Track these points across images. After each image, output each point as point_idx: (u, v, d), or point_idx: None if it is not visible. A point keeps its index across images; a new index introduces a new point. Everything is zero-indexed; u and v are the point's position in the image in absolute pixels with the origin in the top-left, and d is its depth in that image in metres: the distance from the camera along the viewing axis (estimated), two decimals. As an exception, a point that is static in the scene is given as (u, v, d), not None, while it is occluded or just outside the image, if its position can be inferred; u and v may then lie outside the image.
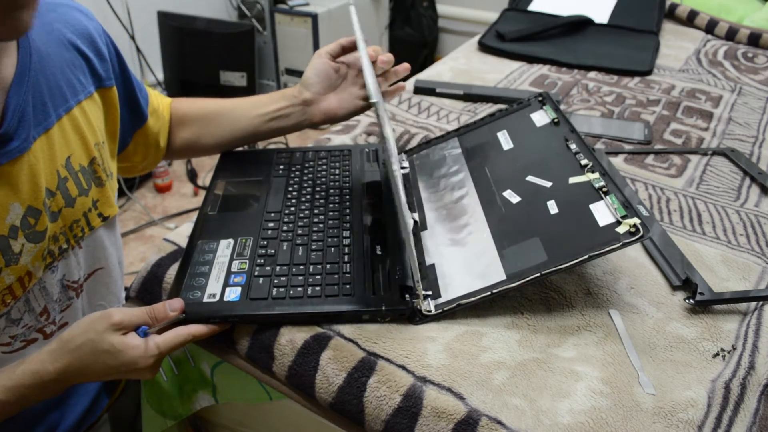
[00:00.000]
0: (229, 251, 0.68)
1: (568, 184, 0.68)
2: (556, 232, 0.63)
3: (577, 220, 0.63)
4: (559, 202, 0.66)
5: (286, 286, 0.63)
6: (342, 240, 0.69)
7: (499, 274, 0.62)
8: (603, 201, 0.63)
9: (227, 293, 0.62)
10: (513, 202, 0.70)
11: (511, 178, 0.73)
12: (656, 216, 0.81)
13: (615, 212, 0.61)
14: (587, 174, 0.67)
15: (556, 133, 0.76)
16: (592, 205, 0.63)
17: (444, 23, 3.15)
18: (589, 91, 1.18)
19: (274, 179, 0.81)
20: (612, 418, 0.52)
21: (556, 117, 0.78)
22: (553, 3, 1.54)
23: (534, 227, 0.65)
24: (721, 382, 0.56)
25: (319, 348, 0.59)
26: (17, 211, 0.58)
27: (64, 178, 0.64)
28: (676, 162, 0.94)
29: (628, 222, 0.59)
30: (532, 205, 0.68)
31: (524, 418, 0.52)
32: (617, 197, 0.62)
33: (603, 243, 0.59)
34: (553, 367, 0.57)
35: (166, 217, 2.23)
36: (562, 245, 0.61)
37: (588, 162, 0.69)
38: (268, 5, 2.59)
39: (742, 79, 1.25)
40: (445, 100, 1.14)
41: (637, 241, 0.57)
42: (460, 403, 0.53)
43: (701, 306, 0.65)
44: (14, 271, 0.60)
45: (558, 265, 0.59)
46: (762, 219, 0.80)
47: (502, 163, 0.77)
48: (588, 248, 0.59)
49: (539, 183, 0.70)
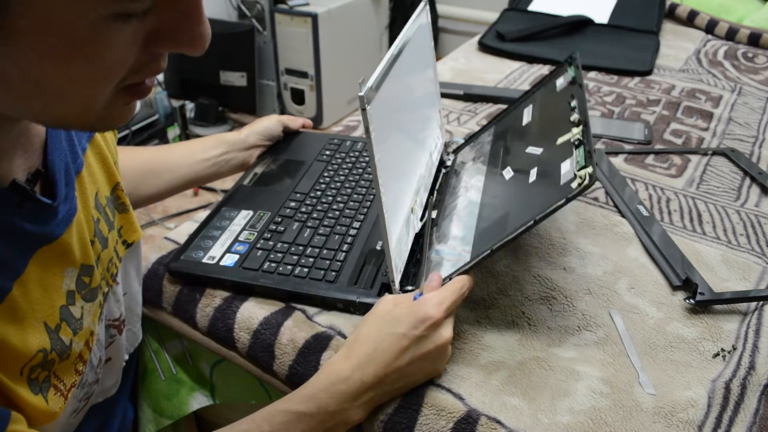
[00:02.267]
0: (244, 221, 0.72)
1: (555, 145, 0.63)
2: (524, 202, 0.59)
3: (547, 184, 0.58)
4: (540, 169, 0.62)
5: (279, 262, 0.66)
6: (349, 229, 0.71)
7: (464, 257, 0.60)
8: (573, 156, 0.57)
9: (225, 258, 0.66)
10: (507, 179, 0.67)
11: (515, 154, 0.70)
12: (656, 216, 0.81)
13: (575, 165, 0.54)
14: (572, 130, 0.61)
15: (568, 92, 0.70)
16: (563, 163, 0.58)
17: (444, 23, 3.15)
18: (589, 91, 1.18)
19: (315, 162, 0.85)
20: (612, 418, 0.52)
21: (574, 76, 0.72)
22: (553, 3, 1.54)
23: (511, 202, 0.61)
24: (721, 382, 0.56)
25: (320, 347, 0.59)
26: (71, 274, 0.51)
27: (96, 219, 0.56)
28: (676, 162, 0.94)
29: (581, 173, 0.53)
30: (518, 178, 0.65)
31: (523, 417, 0.52)
32: (585, 148, 0.56)
33: (553, 202, 0.53)
34: (553, 367, 0.57)
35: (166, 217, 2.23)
36: (521, 215, 0.56)
37: (576, 116, 0.63)
38: (268, 5, 2.59)
39: (742, 79, 1.25)
40: (445, 100, 1.14)
41: (580, 192, 0.52)
42: (459, 402, 0.53)
43: (701, 306, 0.65)
44: (81, 337, 0.52)
45: (506, 236, 0.55)
46: (762, 219, 0.81)
47: (516, 140, 0.73)
48: (539, 212, 0.53)
49: (532, 152, 0.66)
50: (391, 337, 0.53)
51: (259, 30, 2.62)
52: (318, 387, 0.52)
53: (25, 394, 0.44)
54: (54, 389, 0.48)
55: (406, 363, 0.52)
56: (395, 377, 0.53)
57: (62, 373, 0.49)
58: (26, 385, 0.44)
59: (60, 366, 0.49)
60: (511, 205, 0.60)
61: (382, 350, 0.52)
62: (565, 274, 0.69)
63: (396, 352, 0.52)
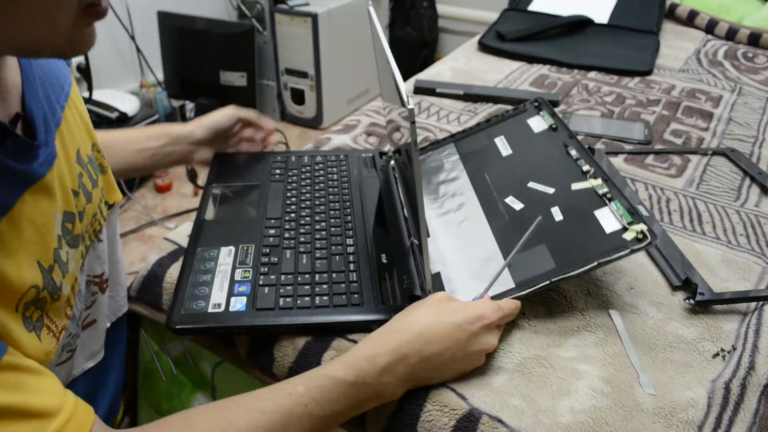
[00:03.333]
0: (230, 259, 0.67)
1: (570, 190, 0.68)
2: (563, 239, 0.63)
3: (583, 227, 0.63)
4: (563, 209, 0.67)
5: (293, 295, 0.62)
6: (346, 248, 0.69)
7: (507, 281, 0.62)
8: (608, 207, 0.64)
9: (232, 303, 0.61)
10: (516, 209, 0.70)
11: (513, 184, 0.73)
12: (656, 216, 0.81)
13: (621, 218, 0.61)
14: (590, 180, 0.68)
15: (554, 138, 0.76)
16: (597, 212, 0.64)
17: (444, 23, 3.15)
18: (589, 91, 1.18)
19: (271, 184, 0.80)
20: (612, 418, 0.52)
21: (553, 123, 0.78)
22: (553, 3, 1.54)
23: (539, 234, 0.65)
24: (721, 382, 0.56)
25: (321, 348, 0.59)
26: (58, 219, 0.54)
27: (79, 174, 0.60)
28: (676, 162, 0.94)
29: (635, 228, 0.59)
30: (535, 212, 0.68)
31: (524, 417, 0.52)
32: (622, 204, 0.63)
33: (611, 249, 0.59)
34: (554, 366, 0.57)
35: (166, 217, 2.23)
36: (569, 252, 0.62)
37: (590, 168, 0.69)
38: (268, 5, 2.59)
39: (742, 79, 1.25)
40: (445, 100, 1.14)
41: (645, 247, 0.58)
42: (462, 401, 0.54)
43: (701, 306, 0.65)
44: (68, 280, 0.56)
45: (567, 272, 0.60)
46: (762, 219, 0.81)
47: (502, 169, 0.77)
48: (596, 255, 0.59)
49: (541, 189, 0.70)
50: (446, 324, 0.54)
51: (259, 30, 2.62)
52: (360, 355, 0.52)
53: (20, 332, 0.46)
54: (47, 329, 0.50)
55: (452, 354, 0.53)
56: (435, 364, 0.53)
57: (54, 314, 0.52)
58: (21, 321, 0.47)
59: (52, 306, 0.51)
60: (546, 239, 0.64)
61: (433, 332, 0.53)
62: (565, 275, 0.69)
63: (450, 340, 0.53)
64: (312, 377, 0.51)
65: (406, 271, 0.66)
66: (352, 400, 0.51)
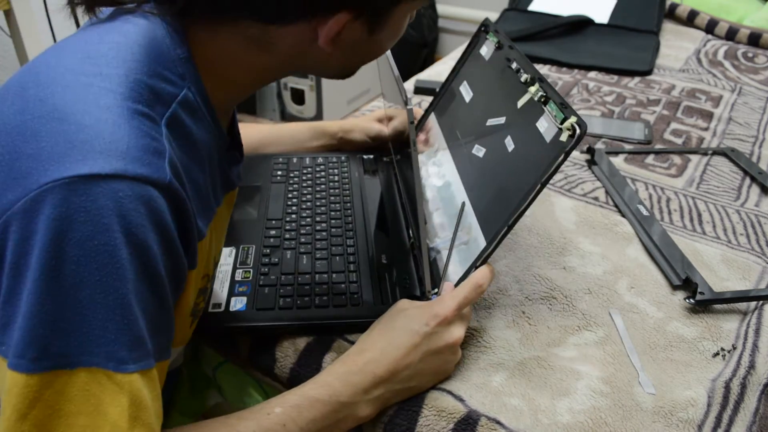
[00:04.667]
0: (231, 259, 0.67)
1: (517, 109, 0.62)
2: (515, 170, 0.58)
3: (530, 147, 0.57)
4: (513, 136, 0.60)
5: (292, 295, 0.62)
6: (347, 248, 0.69)
7: (481, 242, 0.59)
8: (545, 113, 0.56)
9: (233, 303, 0.61)
10: (480, 157, 0.65)
11: (476, 129, 0.68)
12: (656, 216, 0.81)
13: (554, 120, 0.54)
14: (529, 89, 0.60)
15: (500, 57, 0.70)
16: (538, 122, 0.57)
17: (444, 23, 3.15)
18: (590, 91, 1.18)
19: (272, 185, 0.81)
20: (612, 418, 0.52)
21: (497, 40, 0.72)
22: (553, 3, 1.54)
23: (500, 175, 0.60)
24: (721, 381, 0.56)
25: (322, 350, 0.59)
26: None
27: None
28: (677, 162, 0.94)
29: (566, 125, 0.52)
30: (494, 151, 0.63)
31: (523, 417, 0.52)
32: (555, 102, 0.55)
33: (550, 161, 0.52)
34: (554, 366, 0.57)
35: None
36: (520, 183, 0.55)
37: (527, 75, 0.62)
38: (269, 5, 2.59)
39: (742, 79, 1.25)
40: (446, 101, 1.14)
41: (576, 141, 0.50)
42: (459, 404, 0.54)
43: (701, 306, 0.65)
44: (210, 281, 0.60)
45: (519, 207, 0.54)
46: (762, 219, 0.81)
47: (467, 117, 0.72)
48: (540, 174, 0.52)
49: (496, 123, 0.65)
50: (403, 333, 0.54)
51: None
52: (332, 375, 0.53)
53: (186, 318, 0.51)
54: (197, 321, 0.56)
55: (418, 359, 0.53)
56: (407, 374, 0.53)
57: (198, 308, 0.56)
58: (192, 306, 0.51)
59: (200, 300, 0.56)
60: (503, 179, 0.59)
61: (395, 345, 0.53)
62: (565, 274, 0.69)
63: (408, 348, 0.53)
64: (288, 398, 0.51)
65: (406, 271, 0.66)
66: (329, 419, 0.51)
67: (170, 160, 0.41)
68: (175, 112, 0.44)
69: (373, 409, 0.53)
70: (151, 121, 0.42)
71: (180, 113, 0.45)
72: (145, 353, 0.41)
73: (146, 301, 0.41)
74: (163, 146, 0.41)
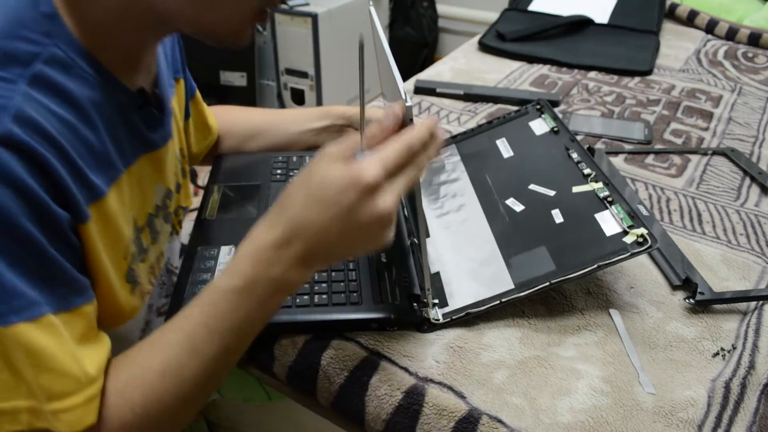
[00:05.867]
0: (230, 258, 0.66)
1: (571, 193, 0.68)
2: (563, 241, 0.64)
3: (583, 230, 0.64)
4: (563, 211, 0.67)
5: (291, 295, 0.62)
6: None
7: (506, 282, 0.62)
8: (608, 210, 0.64)
9: None
10: (517, 211, 0.70)
11: (514, 186, 0.73)
12: (656, 216, 0.81)
13: (621, 222, 0.62)
14: (591, 183, 0.68)
15: (556, 141, 0.77)
16: (598, 215, 0.64)
17: (444, 23, 3.15)
18: (589, 91, 1.18)
19: (272, 184, 0.80)
20: (612, 417, 0.52)
21: (555, 126, 0.78)
22: (553, 3, 1.54)
23: (540, 236, 0.65)
24: (721, 381, 0.56)
25: (321, 347, 0.59)
26: (159, 190, 0.60)
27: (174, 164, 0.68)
28: (676, 162, 0.94)
29: (636, 232, 0.60)
30: (536, 213, 0.68)
31: (524, 416, 0.52)
32: (622, 207, 0.63)
33: (611, 252, 0.60)
34: (554, 365, 0.57)
35: (166, 216, 2.24)
36: (569, 254, 0.62)
37: (591, 171, 0.69)
38: (268, 5, 2.59)
39: (742, 79, 1.25)
40: (445, 100, 1.14)
41: (645, 251, 0.58)
42: (461, 401, 0.54)
43: (701, 306, 0.65)
44: (155, 249, 0.61)
45: (567, 274, 0.60)
46: (762, 219, 0.81)
47: (503, 171, 0.77)
48: (596, 258, 0.60)
49: (542, 192, 0.71)
50: (323, 202, 0.45)
51: (259, 30, 2.62)
52: (241, 259, 0.48)
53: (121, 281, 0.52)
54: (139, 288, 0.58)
55: (336, 236, 0.46)
56: (327, 241, 0.46)
57: (140, 275, 0.58)
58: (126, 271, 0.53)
59: (138, 266, 0.58)
60: (546, 241, 0.65)
61: (308, 219, 0.46)
62: (566, 274, 0.69)
63: (324, 223, 0.45)
64: (203, 296, 0.49)
65: (405, 270, 0.66)
66: (254, 302, 0.48)
67: (20, 116, 0.42)
68: (39, 70, 0.45)
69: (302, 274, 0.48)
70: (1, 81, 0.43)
71: (47, 71, 0.46)
72: (27, 303, 0.42)
73: (13, 255, 0.42)
74: (8, 103, 0.42)
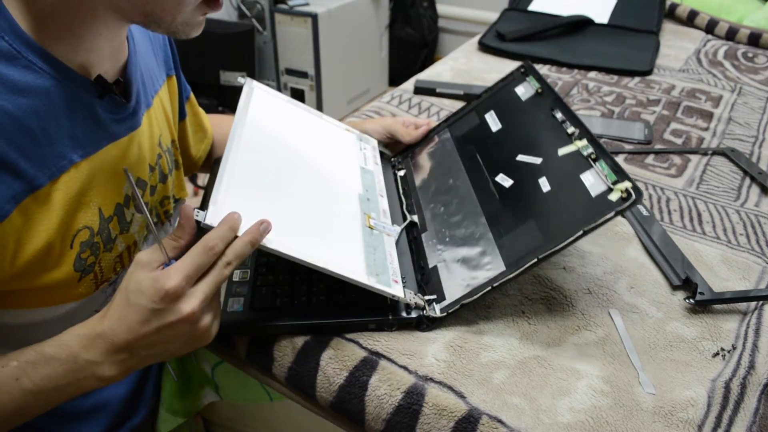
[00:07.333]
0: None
1: (558, 156, 0.64)
2: (550, 211, 0.60)
3: (570, 195, 0.59)
4: (550, 178, 0.63)
5: (290, 295, 0.62)
6: None
7: (498, 265, 0.60)
8: (593, 168, 0.59)
9: (230, 303, 0.61)
10: (506, 186, 0.67)
11: (503, 161, 0.70)
12: (656, 216, 0.81)
13: (606, 179, 0.57)
14: (575, 142, 0.63)
15: (541, 103, 0.72)
16: (583, 175, 0.60)
17: (444, 23, 3.15)
18: (589, 91, 1.18)
19: None
20: (612, 417, 0.52)
21: (539, 87, 0.74)
22: (553, 3, 1.54)
23: (529, 210, 0.62)
24: (721, 381, 0.56)
25: (320, 348, 0.59)
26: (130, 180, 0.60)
27: (158, 155, 0.68)
28: (676, 162, 0.94)
29: (620, 187, 0.55)
30: (525, 186, 0.65)
31: (524, 416, 0.52)
32: (607, 163, 0.58)
33: (596, 214, 0.55)
34: (554, 365, 0.57)
35: (166, 217, 2.23)
36: (556, 224, 0.58)
37: (575, 129, 0.64)
38: (268, 5, 2.59)
39: (742, 79, 1.25)
40: (445, 100, 1.14)
41: (630, 206, 0.54)
42: (460, 401, 0.54)
43: (701, 306, 0.65)
44: (125, 239, 0.62)
45: (553, 246, 0.56)
46: (762, 219, 0.81)
47: (492, 146, 0.74)
48: (582, 223, 0.55)
49: (529, 161, 0.66)
50: (135, 307, 0.50)
51: (259, 30, 2.62)
52: (72, 337, 0.51)
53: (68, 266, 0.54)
54: (93, 276, 0.59)
55: (154, 333, 0.50)
56: (147, 344, 0.51)
57: (104, 264, 0.60)
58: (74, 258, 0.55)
59: (104, 256, 0.59)
60: (534, 214, 0.61)
61: (129, 318, 0.50)
62: (565, 274, 0.69)
63: (140, 323, 0.50)
64: (26, 353, 0.50)
65: (404, 269, 0.66)
66: (68, 377, 0.50)
67: None
68: None
69: (118, 371, 0.51)
70: None
71: None
72: None
73: None
74: None
